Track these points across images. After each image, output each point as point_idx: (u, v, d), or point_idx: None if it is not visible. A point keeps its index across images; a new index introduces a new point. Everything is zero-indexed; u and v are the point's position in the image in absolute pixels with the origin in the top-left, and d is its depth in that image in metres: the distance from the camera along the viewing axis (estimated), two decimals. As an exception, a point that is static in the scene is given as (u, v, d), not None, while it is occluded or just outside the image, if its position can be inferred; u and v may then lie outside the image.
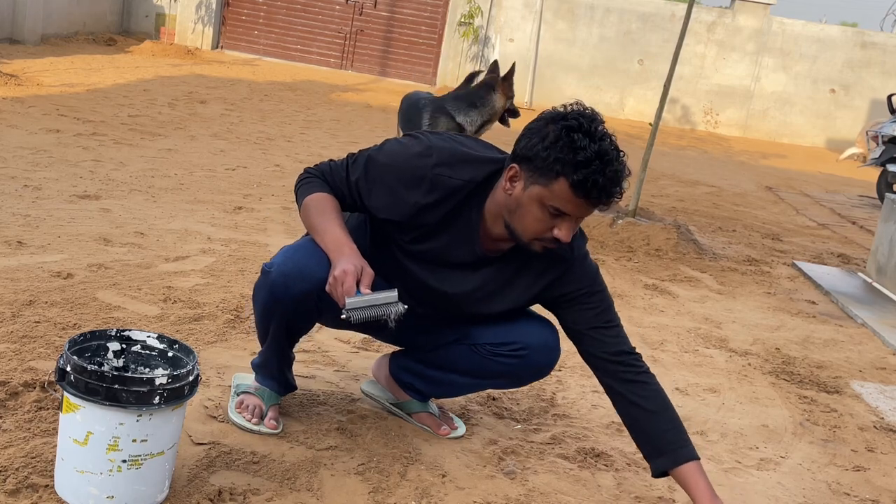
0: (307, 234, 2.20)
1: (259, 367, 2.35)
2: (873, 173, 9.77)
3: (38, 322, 2.72)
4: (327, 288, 1.99)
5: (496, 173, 2.09)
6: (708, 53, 13.96)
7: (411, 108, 4.84)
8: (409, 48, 14.33)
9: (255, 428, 2.27)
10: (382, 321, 1.96)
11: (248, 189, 5.17)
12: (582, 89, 13.79)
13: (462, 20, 13.72)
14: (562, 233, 1.99)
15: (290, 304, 2.12)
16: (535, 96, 13.91)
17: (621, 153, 1.96)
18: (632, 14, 13.88)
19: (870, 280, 5.32)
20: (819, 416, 3.08)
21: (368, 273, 1.98)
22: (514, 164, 2.01)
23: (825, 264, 5.71)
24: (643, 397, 2.12)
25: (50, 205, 4.11)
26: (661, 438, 2.10)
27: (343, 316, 1.92)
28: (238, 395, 2.37)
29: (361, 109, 10.16)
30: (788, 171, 10.85)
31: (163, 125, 6.88)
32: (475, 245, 2.14)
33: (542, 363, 2.32)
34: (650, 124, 5.73)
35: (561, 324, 2.24)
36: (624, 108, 13.90)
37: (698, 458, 2.09)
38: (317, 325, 2.33)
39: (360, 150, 2.22)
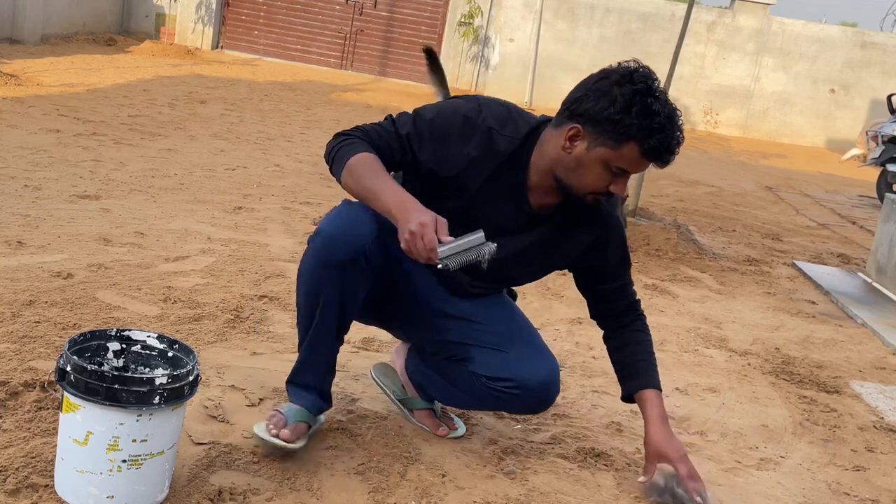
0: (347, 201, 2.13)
1: (294, 376, 2.21)
2: (873, 173, 9.77)
3: (38, 322, 2.72)
4: (403, 246, 1.90)
5: (534, 132, 2.11)
6: (708, 53, 13.96)
7: None
8: (409, 48, 14.33)
9: (269, 438, 2.12)
10: (476, 263, 1.91)
11: (248, 189, 5.17)
12: (582, 89, 13.77)
13: (462, 20, 13.72)
14: (618, 188, 2.05)
15: (339, 269, 2.03)
16: (535, 96, 13.91)
17: (679, 111, 2.01)
18: (632, 14, 13.88)
19: (870, 280, 5.32)
20: (819, 416, 3.08)
21: (443, 221, 1.91)
22: (576, 125, 2.00)
23: (825, 264, 5.71)
24: (632, 340, 2.36)
25: (50, 205, 4.11)
26: (635, 367, 2.33)
27: (440, 266, 1.87)
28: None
29: (361, 109, 10.16)
30: (788, 171, 10.84)
31: (163, 125, 6.88)
32: (524, 203, 2.14)
33: (535, 402, 2.30)
34: (650, 124, 5.73)
35: (577, 279, 2.34)
36: (624, 108, 13.88)
37: (660, 389, 2.31)
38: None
39: (399, 112, 2.18)
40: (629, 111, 1.94)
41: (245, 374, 2.62)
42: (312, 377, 2.20)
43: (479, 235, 1.90)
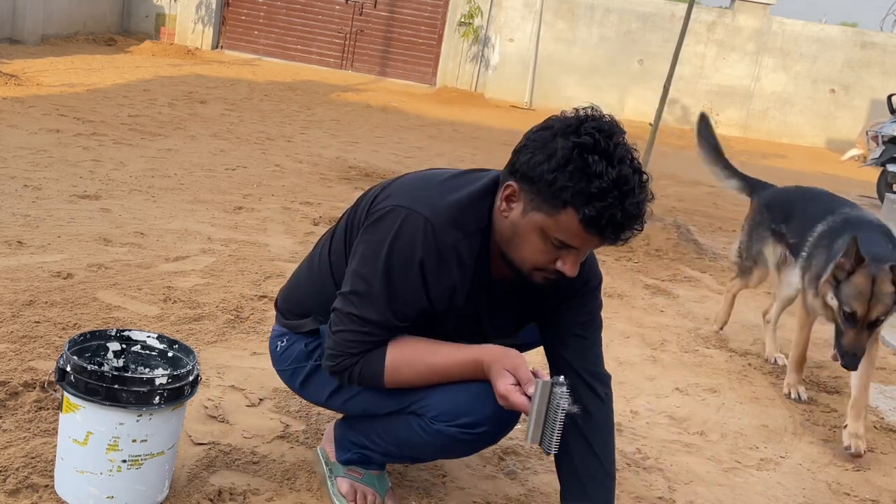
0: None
1: (359, 463, 2.04)
2: (873, 173, 9.77)
3: (38, 322, 2.72)
4: (505, 406, 1.71)
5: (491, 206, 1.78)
6: (708, 53, 13.96)
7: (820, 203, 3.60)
8: (409, 48, 14.33)
9: None
10: (567, 413, 1.66)
11: (248, 189, 5.17)
12: (582, 89, 13.79)
13: (462, 20, 13.72)
14: (566, 266, 1.69)
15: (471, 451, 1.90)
16: (534, 96, 13.91)
17: (644, 176, 1.64)
18: (632, 14, 13.87)
19: (870, 280, 5.31)
20: (819, 416, 3.08)
21: (521, 366, 1.70)
22: (511, 182, 1.69)
23: (825, 264, 5.70)
24: (591, 428, 1.87)
25: (50, 205, 4.11)
26: (588, 487, 1.86)
27: (549, 453, 1.68)
28: (337, 476, 2.05)
29: (361, 109, 10.16)
30: (788, 171, 10.84)
31: (163, 125, 6.88)
32: (490, 277, 1.83)
33: (495, 438, 1.90)
34: (650, 124, 5.74)
35: (542, 328, 1.97)
36: (624, 108, 13.88)
37: None
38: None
39: (341, 297, 1.79)
40: (565, 169, 1.59)
41: (245, 374, 2.62)
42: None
43: (542, 385, 1.64)
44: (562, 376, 1.67)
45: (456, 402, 1.78)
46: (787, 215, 3.54)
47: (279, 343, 2.03)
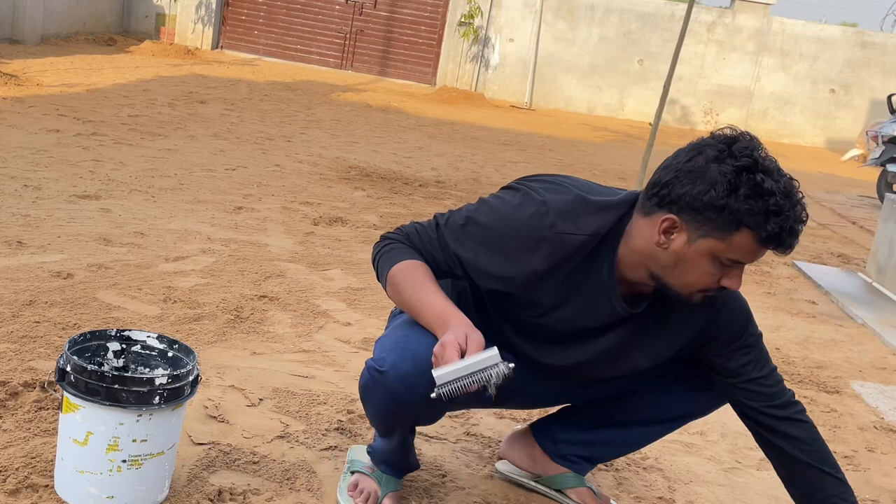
0: (399, 312, 1.94)
1: (377, 455, 2.04)
2: (873, 173, 9.77)
3: (38, 322, 2.72)
4: (436, 353, 1.67)
5: (625, 217, 1.77)
6: (708, 53, 13.96)
7: None
8: (409, 48, 14.33)
9: None
10: (482, 388, 1.62)
11: (248, 189, 5.17)
12: (582, 89, 13.80)
13: (462, 20, 13.72)
14: (732, 281, 1.70)
15: (416, 404, 1.78)
16: (534, 96, 13.91)
17: (795, 180, 1.68)
18: (632, 14, 13.87)
19: (870, 280, 5.32)
20: (819, 416, 3.08)
21: (475, 340, 1.66)
22: (670, 215, 1.67)
23: (825, 264, 5.71)
24: (804, 450, 1.87)
25: (50, 205, 4.11)
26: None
27: (433, 395, 1.61)
28: (353, 472, 2.08)
29: (361, 109, 10.16)
30: (788, 171, 10.83)
31: (163, 125, 6.88)
32: (614, 301, 1.81)
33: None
34: (650, 124, 5.74)
35: (712, 375, 1.95)
36: (624, 108, 13.89)
37: None
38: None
39: (450, 211, 1.87)
40: (735, 194, 1.60)
41: (245, 374, 2.62)
42: (400, 458, 2.03)
43: (490, 355, 1.62)
44: (512, 364, 1.63)
45: (381, 344, 1.83)
46: None
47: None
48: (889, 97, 9.20)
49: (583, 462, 2.19)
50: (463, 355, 1.63)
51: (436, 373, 1.62)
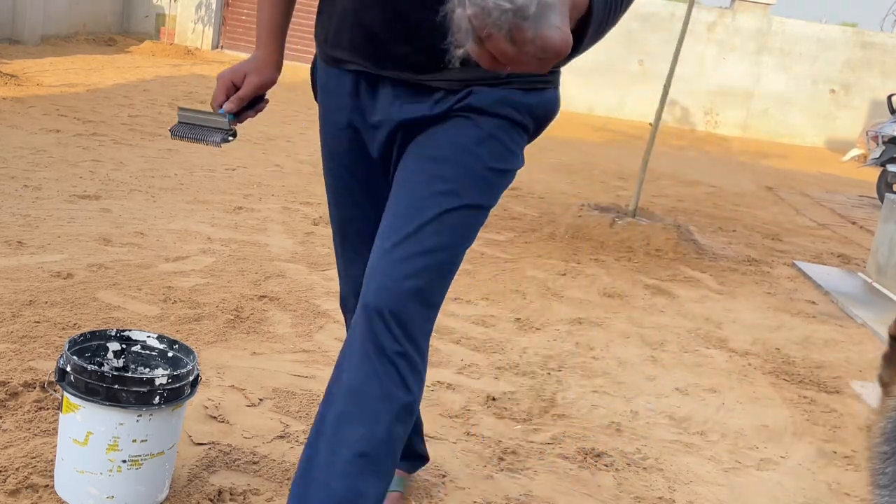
0: None
1: None
2: (873, 173, 9.77)
3: (38, 322, 2.72)
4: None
5: None
6: (708, 53, 13.96)
7: None
8: (409, 48, 14.32)
9: None
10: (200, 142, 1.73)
11: (248, 189, 5.17)
12: (582, 89, 13.80)
13: (462, 20, 13.72)
14: None
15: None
16: (535, 96, 13.91)
17: None
18: (632, 14, 13.85)
19: (870, 280, 5.32)
20: (819, 416, 3.08)
21: (251, 83, 1.73)
22: None
23: (825, 264, 5.71)
24: None
25: (50, 205, 4.11)
26: None
27: (169, 129, 1.73)
28: None
29: (361, 109, 10.14)
30: (788, 171, 10.84)
31: (163, 125, 6.88)
32: None
33: None
34: (650, 124, 5.74)
35: None
36: (624, 108, 13.88)
37: None
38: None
39: None
40: None
41: (245, 374, 2.62)
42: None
43: (223, 121, 1.72)
44: (232, 139, 1.69)
45: None
46: None
47: None
48: (889, 97, 9.20)
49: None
50: (237, 90, 1.71)
51: (182, 113, 1.71)
